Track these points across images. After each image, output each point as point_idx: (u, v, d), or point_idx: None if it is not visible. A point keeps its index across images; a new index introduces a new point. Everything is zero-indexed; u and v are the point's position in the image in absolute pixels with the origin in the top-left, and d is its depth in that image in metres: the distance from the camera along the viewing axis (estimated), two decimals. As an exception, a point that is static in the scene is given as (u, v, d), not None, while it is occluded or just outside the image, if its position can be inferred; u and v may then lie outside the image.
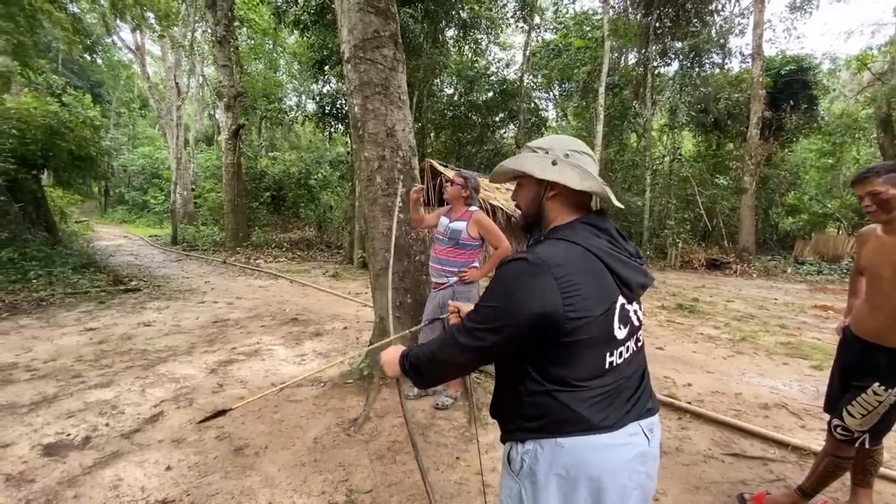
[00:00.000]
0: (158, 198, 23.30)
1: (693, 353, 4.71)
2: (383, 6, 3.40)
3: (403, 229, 3.50)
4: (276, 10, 10.98)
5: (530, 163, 1.08)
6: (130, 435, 2.75)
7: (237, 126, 12.65)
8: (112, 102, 27.82)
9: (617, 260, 1.00)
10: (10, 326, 5.10)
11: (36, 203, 9.39)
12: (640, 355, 1.08)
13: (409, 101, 3.63)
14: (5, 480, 2.24)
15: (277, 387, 1.71)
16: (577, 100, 17.37)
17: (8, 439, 2.63)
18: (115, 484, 2.25)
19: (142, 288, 7.51)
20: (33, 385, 3.46)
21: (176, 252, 12.90)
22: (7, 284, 6.77)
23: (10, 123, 8.33)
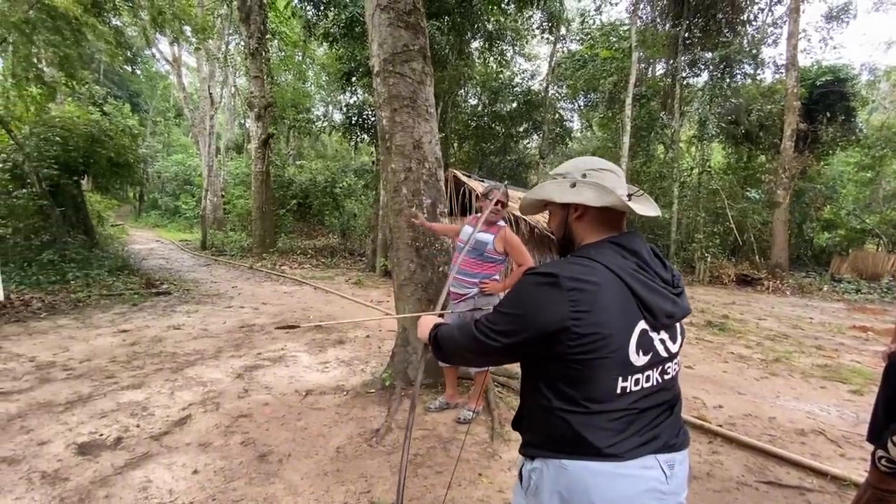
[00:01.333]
0: (190, 203, 24.07)
1: (723, 372, 4.54)
2: (413, 21, 3.45)
3: (427, 240, 3.51)
4: (306, 24, 11.28)
5: (550, 190, 1.12)
6: (160, 437, 2.82)
7: (267, 135, 13.00)
8: (149, 112, 29.03)
9: (642, 284, 0.96)
10: (49, 326, 5.32)
11: (76, 207, 9.83)
12: (668, 387, 1.01)
13: (435, 114, 3.66)
14: (41, 478, 2.32)
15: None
16: (602, 110, 17.21)
17: (45, 437, 2.73)
18: (144, 485, 2.30)
19: (172, 291, 7.74)
20: (69, 384, 3.59)
21: (205, 257, 13.27)
22: (48, 285, 7.09)
23: (54, 131, 8.77)
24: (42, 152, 8.51)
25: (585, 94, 18.08)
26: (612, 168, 1.11)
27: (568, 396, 0.95)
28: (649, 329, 0.97)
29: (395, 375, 3.58)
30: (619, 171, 1.12)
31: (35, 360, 4.15)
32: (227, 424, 3.00)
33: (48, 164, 8.40)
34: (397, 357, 3.63)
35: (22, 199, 7.87)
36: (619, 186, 1.08)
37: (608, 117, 16.84)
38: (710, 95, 13.15)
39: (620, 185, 1.08)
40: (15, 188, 8.07)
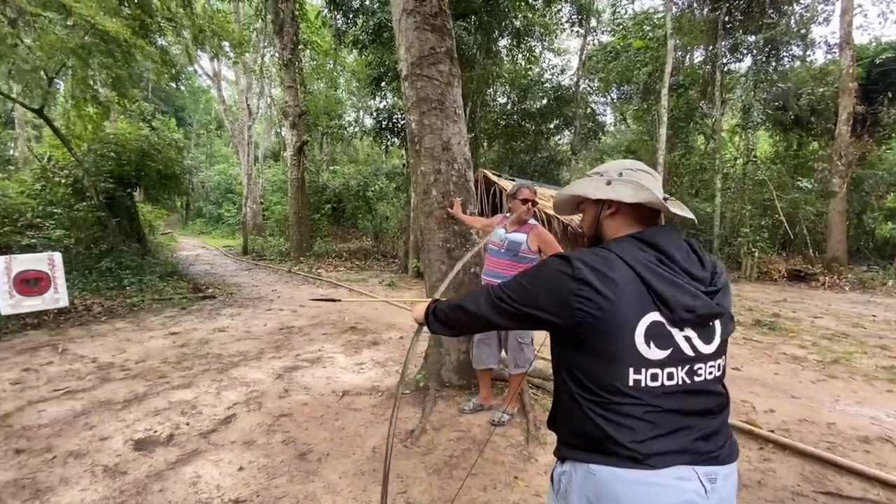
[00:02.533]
0: (231, 211, 25.17)
1: (775, 375, 4.29)
2: (440, 23, 3.47)
3: (458, 241, 3.52)
4: (336, 32, 11.56)
5: (585, 186, 1.15)
6: (207, 434, 2.96)
7: (301, 143, 13.41)
8: (193, 125, 30.57)
9: (656, 275, 0.94)
10: (108, 329, 5.69)
11: (130, 217, 10.49)
12: (701, 391, 0.96)
13: (464, 114, 3.67)
14: (103, 471, 2.48)
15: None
16: (636, 102, 16.66)
17: (105, 433, 2.92)
18: (194, 481, 2.42)
19: (217, 295, 8.10)
20: (126, 384, 3.83)
21: (246, 261, 13.82)
22: (106, 291, 7.59)
23: (109, 147, 9.41)
24: (99, 167, 9.14)
25: (618, 87, 17.57)
26: (649, 170, 1.12)
27: (584, 385, 0.97)
28: (666, 323, 0.93)
29: (429, 377, 3.61)
30: (657, 175, 1.13)
31: (96, 360, 4.45)
32: (269, 423, 3.11)
33: (104, 177, 9.01)
34: (430, 358, 3.66)
35: (82, 211, 8.48)
36: (656, 188, 1.06)
37: (643, 109, 16.28)
38: (755, 81, 12.47)
39: (657, 187, 1.07)
40: (76, 201, 8.70)
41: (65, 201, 8.55)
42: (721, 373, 1.00)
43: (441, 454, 2.69)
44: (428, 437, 2.90)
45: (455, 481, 2.42)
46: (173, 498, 2.27)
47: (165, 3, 7.49)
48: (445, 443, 2.83)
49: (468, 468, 2.54)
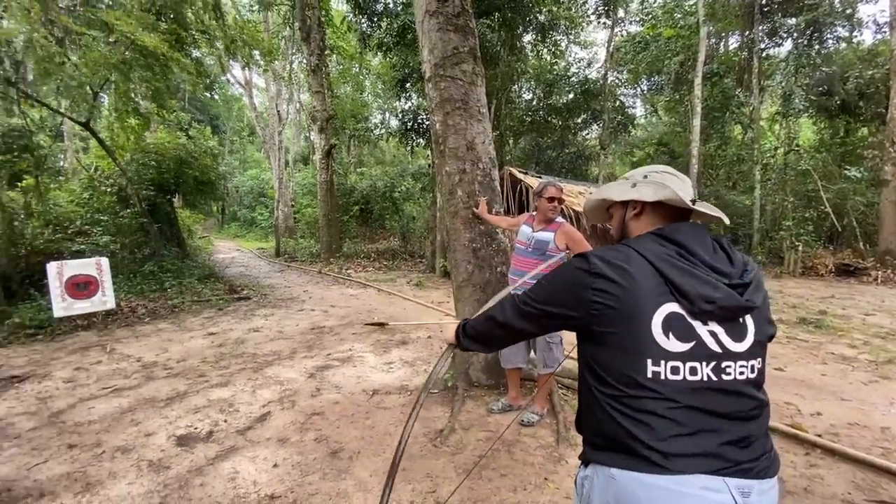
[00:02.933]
0: (264, 214, 25.93)
1: (822, 376, 4.07)
2: (462, 23, 3.46)
3: (484, 241, 3.50)
4: (361, 36, 11.72)
5: (610, 190, 1.19)
6: (244, 432, 3.06)
7: (329, 146, 13.68)
8: (226, 132, 31.68)
9: (674, 267, 0.94)
10: (152, 329, 5.98)
11: (170, 223, 10.97)
12: (730, 391, 0.92)
13: (488, 113, 3.65)
14: (148, 466, 2.61)
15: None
16: (668, 93, 16.13)
17: (150, 429, 3.07)
18: (232, 476, 2.51)
19: (252, 296, 8.37)
20: (169, 382, 4.01)
21: (279, 263, 14.22)
22: (149, 293, 7.97)
23: (150, 157, 9.87)
24: (140, 175, 9.61)
25: (649, 78, 17.07)
26: (676, 173, 1.13)
27: (602, 378, 0.97)
28: (687, 315, 0.92)
29: (457, 376, 3.61)
30: (685, 178, 1.14)
31: (141, 360, 4.68)
32: (301, 421, 3.19)
33: (146, 185, 9.46)
34: (458, 358, 3.66)
35: (126, 218, 8.93)
36: (681, 189, 1.06)
37: (675, 100, 15.75)
38: (796, 66, 11.83)
39: (683, 189, 1.07)
40: (121, 209, 9.18)
41: (110, 209, 9.03)
42: (756, 375, 0.95)
43: (470, 454, 2.69)
44: (457, 437, 2.90)
45: (484, 481, 2.41)
46: (213, 492, 2.36)
47: (199, 17, 7.79)
48: (474, 442, 2.83)
49: (497, 468, 2.53)
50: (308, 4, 13.02)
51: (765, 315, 0.99)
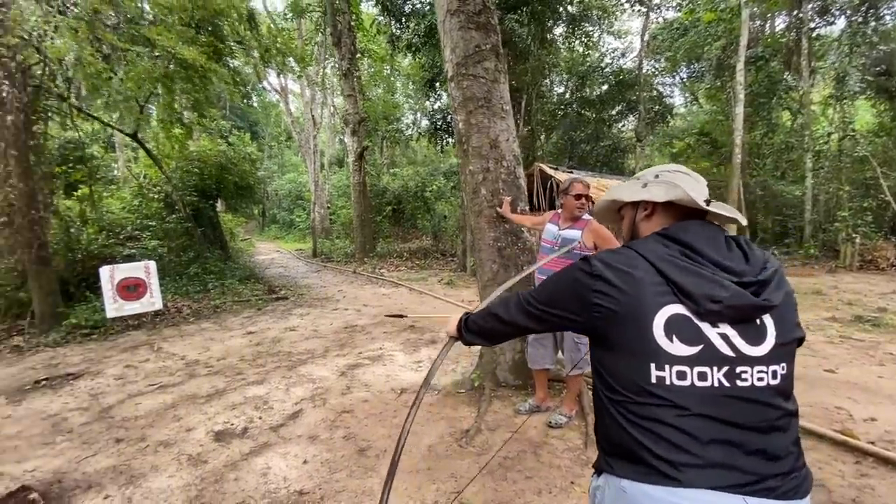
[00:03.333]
0: (302, 216, 26.74)
1: (878, 378, 3.77)
2: (484, 20, 3.43)
3: (509, 239, 3.46)
4: (390, 38, 11.85)
5: (620, 191, 1.15)
6: (277, 428, 3.16)
7: (361, 149, 13.92)
8: (265, 137, 32.84)
9: (676, 266, 0.90)
10: (195, 329, 6.28)
11: (212, 226, 11.50)
12: (747, 399, 0.85)
13: (512, 110, 3.60)
14: (187, 460, 2.75)
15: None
16: (709, 80, 15.38)
17: (190, 424, 3.23)
18: (264, 471, 2.61)
19: (289, 296, 8.65)
20: (209, 380, 4.20)
21: (316, 264, 14.62)
22: (194, 294, 8.39)
23: (193, 164, 10.38)
24: (184, 182, 10.13)
25: (688, 65, 16.33)
26: (689, 172, 1.10)
27: (609, 384, 0.95)
28: (693, 316, 0.87)
29: (484, 376, 3.59)
30: (699, 178, 1.10)
31: (185, 358, 4.93)
32: (332, 419, 3.27)
33: (189, 191, 9.96)
34: (485, 358, 3.64)
35: (172, 223, 9.44)
36: (694, 189, 1.02)
37: (716, 87, 14.99)
38: (850, 45, 10.97)
39: (696, 189, 1.03)
40: (167, 214, 9.72)
41: (157, 215, 9.57)
42: (780, 382, 0.88)
43: (496, 455, 2.67)
44: (483, 438, 2.89)
45: (509, 484, 2.39)
46: (246, 487, 2.45)
47: (234, 28, 8.11)
48: (500, 443, 2.80)
49: (523, 470, 2.50)
50: (338, 10, 13.30)
51: (789, 316, 0.92)
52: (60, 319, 5.93)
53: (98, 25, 5.46)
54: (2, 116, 5.09)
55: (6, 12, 4.79)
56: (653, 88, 15.81)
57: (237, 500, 2.33)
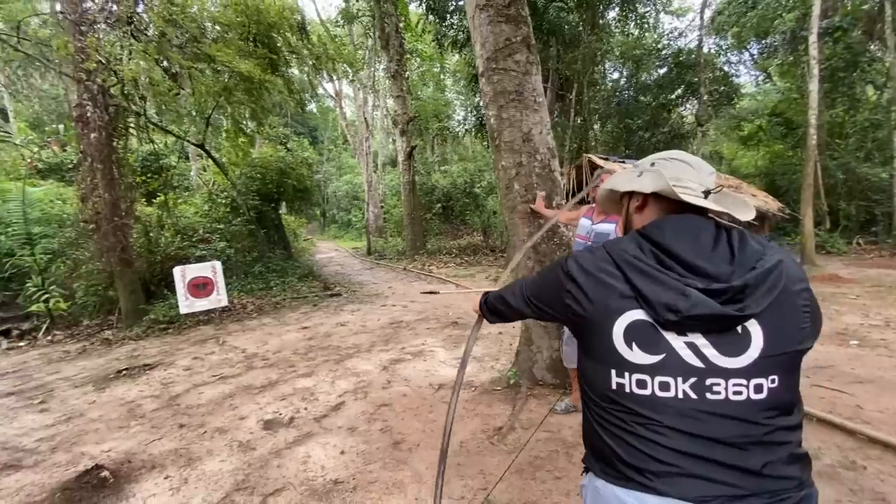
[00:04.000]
0: (358, 216, 27.70)
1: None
2: (513, 12, 3.37)
3: (545, 235, 3.39)
4: (436, 36, 11.93)
5: (617, 179, 1.11)
6: (320, 419, 3.33)
7: (410, 148, 14.18)
8: (324, 141, 34.34)
9: (638, 270, 0.86)
10: (256, 324, 6.74)
11: (275, 228, 12.23)
12: (721, 414, 0.79)
13: (545, 102, 3.51)
14: (238, 446, 2.97)
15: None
16: (782, 55, 14.01)
17: (244, 413, 3.48)
18: (304, 460, 2.76)
19: (342, 293, 9.03)
20: (264, 372, 4.50)
21: (369, 261, 15.12)
22: (257, 291, 8.99)
23: (255, 170, 11.10)
24: (248, 187, 10.86)
25: (758, 41, 14.97)
26: (687, 160, 1.00)
27: (585, 387, 0.96)
28: (655, 324, 0.83)
29: (521, 374, 3.55)
30: (701, 166, 0.99)
31: (245, 351, 5.31)
32: (371, 412, 3.38)
33: (252, 196, 10.67)
34: (522, 356, 3.60)
35: (238, 225, 10.16)
36: (689, 178, 0.94)
37: (789, 63, 13.62)
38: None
39: (692, 178, 0.95)
40: (233, 217, 10.47)
41: (225, 218, 10.34)
42: (766, 396, 0.79)
43: (526, 454, 2.64)
44: (516, 436, 2.86)
45: (537, 483, 2.35)
46: (287, 473, 2.61)
47: (287, 40, 8.55)
48: (532, 442, 2.76)
49: (553, 470, 2.45)
50: (386, 12, 13.59)
51: (787, 323, 0.82)
52: (142, 315, 6.61)
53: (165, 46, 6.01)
54: (87, 134, 5.79)
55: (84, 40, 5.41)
56: (716, 68, 14.66)
57: (278, 485, 2.49)
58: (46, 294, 6.51)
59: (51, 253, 7.21)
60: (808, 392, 3.32)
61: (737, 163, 17.65)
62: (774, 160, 14.16)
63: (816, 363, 3.88)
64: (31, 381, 4.64)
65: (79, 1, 6.03)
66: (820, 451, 2.52)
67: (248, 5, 7.26)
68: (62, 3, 6.25)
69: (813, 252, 8.98)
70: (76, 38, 5.80)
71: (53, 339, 6.35)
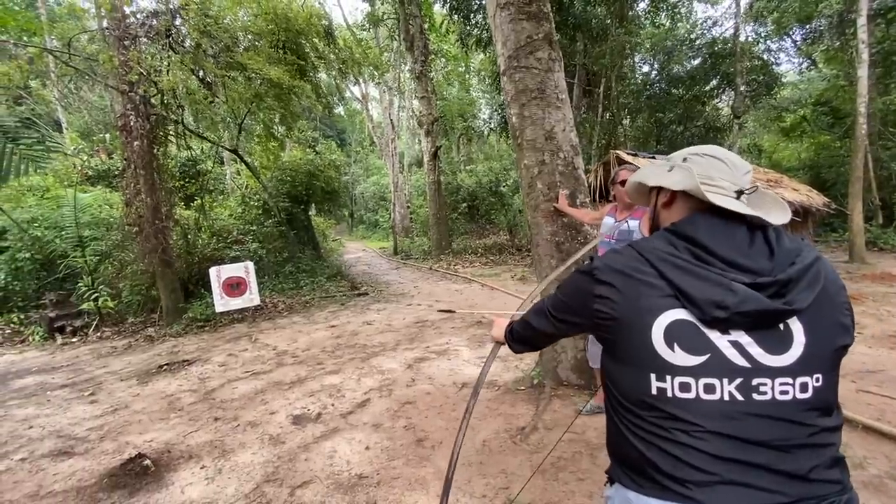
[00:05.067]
0: (385, 216, 28.03)
1: None
2: (535, 10, 3.34)
3: (568, 234, 3.35)
4: (460, 36, 11.94)
5: (646, 172, 1.07)
6: (346, 415, 3.41)
7: (435, 148, 14.25)
8: (351, 143, 34.95)
9: (677, 268, 0.82)
10: (287, 322, 6.94)
11: (305, 229, 12.55)
12: (773, 417, 0.76)
13: (568, 99, 3.47)
14: (269, 440, 3.08)
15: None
16: (828, 40, 13.26)
17: (274, 408, 3.60)
18: (331, 454, 2.83)
19: (369, 292, 9.18)
20: (294, 368, 4.63)
21: (396, 261, 15.28)
22: (288, 290, 9.26)
23: (285, 173, 11.42)
24: (279, 190, 11.20)
25: (801, 26, 14.22)
26: (723, 156, 0.94)
27: (615, 396, 0.90)
28: (699, 323, 0.79)
29: (545, 374, 3.53)
30: (737, 164, 0.93)
31: (276, 348, 5.48)
32: (395, 409, 3.44)
33: (282, 198, 10.99)
34: (546, 355, 3.57)
35: (269, 227, 10.49)
36: (722, 176, 0.90)
37: (835, 48, 12.87)
38: None
39: (725, 176, 0.90)
40: (265, 219, 10.82)
41: (257, 220, 10.71)
42: (811, 395, 0.77)
43: (550, 454, 2.62)
44: (538, 436, 2.85)
45: (559, 484, 2.34)
46: (314, 467, 2.69)
47: (314, 45, 8.77)
48: (557, 444, 2.74)
49: (576, 472, 2.43)
50: (411, 14, 13.71)
51: (827, 320, 0.80)
52: (181, 313, 6.94)
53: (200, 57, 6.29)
54: (131, 142, 6.13)
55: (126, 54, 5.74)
56: (754, 57, 14.02)
57: (305, 478, 2.57)
58: (96, 293, 6.93)
59: (99, 254, 7.67)
60: (854, 397, 3.16)
61: (778, 156, 16.84)
62: (820, 152, 13.43)
63: (865, 367, 3.68)
64: (82, 374, 4.96)
65: (122, 17, 6.39)
66: (866, 461, 2.39)
67: (278, 13, 7.50)
68: (108, 19, 6.64)
69: (863, 249, 8.48)
70: (120, 52, 6.16)
71: (102, 336, 6.76)
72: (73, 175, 10.48)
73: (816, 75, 15.88)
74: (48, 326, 6.80)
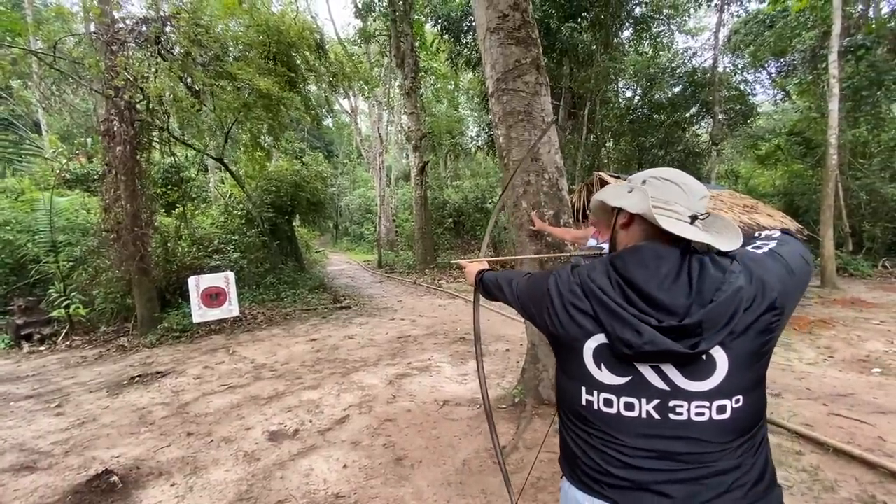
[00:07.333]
0: (371, 229, 27.93)
1: None
2: (524, 35, 3.44)
3: (552, 253, 3.40)
4: (450, 55, 12.17)
5: (609, 192, 1.09)
6: (324, 432, 3.35)
7: (423, 164, 14.35)
8: (339, 155, 34.94)
9: (601, 303, 0.91)
10: (266, 335, 6.82)
11: (288, 240, 12.41)
12: (685, 437, 0.84)
13: (554, 122, 3.56)
14: (244, 456, 3.00)
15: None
16: (801, 74, 13.92)
17: (250, 424, 3.52)
18: (307, 473, 2.77)
19: (352, 306, 9.09)
20: (272, 383, 4.54)
21: (380, 274, 15.19)
22: (268, 302, 9.10)
23: (271, 183, 11.33)
24: (263, 200, 11.08)
25: (776, 60, 14.91)
26: (680, 181, 0.96)
27: (559, 400, 1.02)
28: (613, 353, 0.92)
29: (526, 392, 3.53)
30: (694, 189, 0.95)
31: (254, 361, 5.37)
32: (375, 427, 3.39)
33: (266, 208, 10.88)
34: (527, 374, 3.58)
35: (252, 237, 10.35)
36: (678, 201, 0.93)
37: (808, 81, 13.51)
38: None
39: (680, 201, 0.93)
40: (248, 229, 10.67)
41: (239, 229, 10.55)
42: (729, 416, 0.83)
43: (530, 475, 2.61)
44: (519, 456, 2.84)
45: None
46: (289, 486, 2.63)
47: (305, 58, 8.81)
48: (536, 463, 2.73)
49: (555, 492, 2.42)
50: (402, 32, 13.92)
51: (754, 343, 0.84)
52: (157, 323, 6.75)
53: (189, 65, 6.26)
54: (113, 147, 6.02)
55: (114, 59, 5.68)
56: (731, 87, 14.61)
57: (280, 497, 2.51)
58: (67, 300, 6.70)
59: (73, 260, 7.44)
60: (826, 420, 3.23)
61: (753, 182, 17.42)
62: (793, 180, 13.94)
63: (835, 390, 3.78)
64: (49, 385, 4.77)
65: (111, 22, 6.34)
66: (837, 484, 2.45)
67: (270, 25, 7.54)
68: (96, 24, 6.58)
69: (834, 274, 8.77)
70: (107, 56, 6.09)
71: (72, 345, 6.51)
72: (51, 178, 10.20)
73: (790, 106, 16.59)
74: (15, 334, 6.54)
